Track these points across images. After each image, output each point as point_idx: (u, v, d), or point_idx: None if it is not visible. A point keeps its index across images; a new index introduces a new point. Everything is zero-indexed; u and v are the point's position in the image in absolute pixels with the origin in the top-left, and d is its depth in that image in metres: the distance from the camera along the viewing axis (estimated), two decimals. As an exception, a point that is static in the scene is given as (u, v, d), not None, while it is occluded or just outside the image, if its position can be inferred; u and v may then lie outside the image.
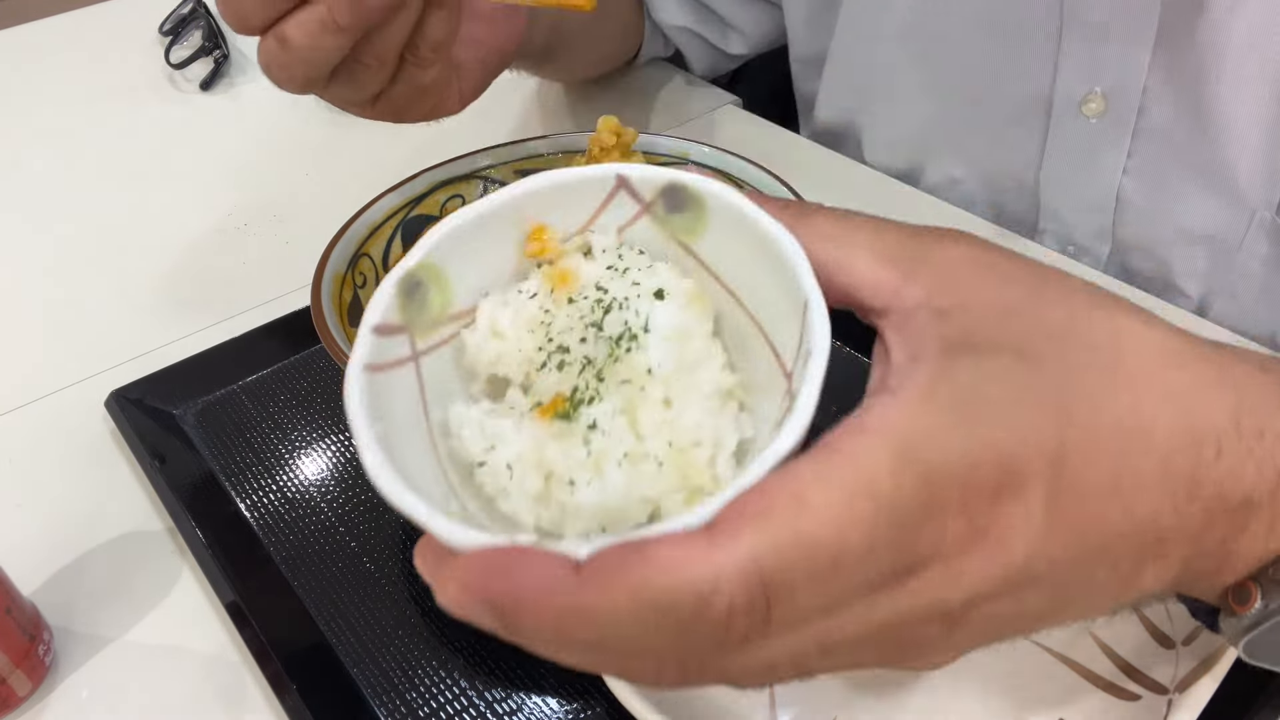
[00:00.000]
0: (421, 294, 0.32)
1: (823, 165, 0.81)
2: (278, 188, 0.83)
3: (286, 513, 0.54)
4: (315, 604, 0.50)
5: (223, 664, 0.48)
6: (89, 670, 0.48)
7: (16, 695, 0.46)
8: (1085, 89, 0.65)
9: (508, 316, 0.32)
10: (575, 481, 0.29)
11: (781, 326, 0.31)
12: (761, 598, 0.24)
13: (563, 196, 0.33)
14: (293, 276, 0.71)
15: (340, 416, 0.59)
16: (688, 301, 0.32)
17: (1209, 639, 0.41)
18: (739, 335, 0.32)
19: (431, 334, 0.32)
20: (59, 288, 0.75)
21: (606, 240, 0.33)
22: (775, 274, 0.30)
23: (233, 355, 0.64)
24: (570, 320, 0.32)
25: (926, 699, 0.43)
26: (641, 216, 0.33)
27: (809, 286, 0.29)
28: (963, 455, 0.26)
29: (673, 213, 0.33)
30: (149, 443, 0.57)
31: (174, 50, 1.02)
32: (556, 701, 0.45)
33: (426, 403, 0.32)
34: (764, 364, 0.31)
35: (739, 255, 0.32)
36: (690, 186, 0.32)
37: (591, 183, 0.33)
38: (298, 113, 0.94)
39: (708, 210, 0.32)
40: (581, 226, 0.34)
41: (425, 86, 0.53)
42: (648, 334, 0.31)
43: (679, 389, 0.30)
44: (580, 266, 0.33)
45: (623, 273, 0.32)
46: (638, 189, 0.33)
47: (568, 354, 0.31)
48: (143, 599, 0.51)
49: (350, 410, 0.29)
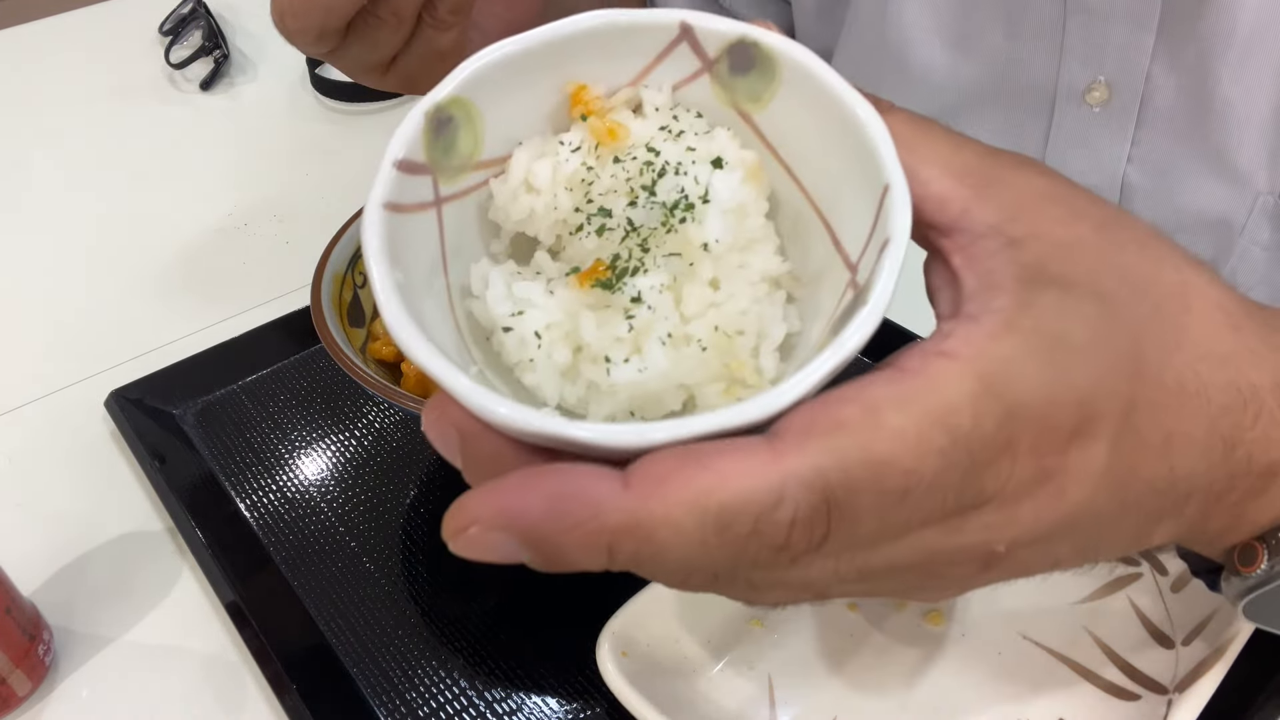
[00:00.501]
0: (450, 132, 0.28)
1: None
2: (278, 188, 0.83)
3: (286, 513, 0.54)
4: (315, 604, 0.50)
5: (223, 664, 0.48)
6: (89, 670, 0.48)
7: (16, 695, 0.46)
8: (1089, 77, 0.66)
9: (545, 170, 0.29)
10: (611, 358, 0.26)
11: (848, 213, 0.28)
12: (823, 519, 0.23)
13: (616, 42, 0.29)
14: (293, 276, 0.71)
15: (340, 416, 0.60)
16: (747, 175, 0.29)
17: (1209, 639, 0.41)
18: (794, 220, 0.29)
19: (457, 180, 0.29)
20: (59, 288, 0.75)
21: (660, 98, 0.30)
22: (850, 154, 0.27)
23: (233, 355, 0.64)
24: (616, 181, 0.28)
25: (927, 698, 0.43)
26: (702, 75, 0.29)
27: (892, 169, 0.26)
28: (1046, 396, 0.25)
29: (738, 74, 0.29)
30: (149, 443, 0.57)
31: (174, 50, 1.02)
32: (556, 701, 0.45)
33: (446, 256, 0.29)
34: (820, 253, 0.28)
35: (807, 130, 0.29)
36: (763, 43, 0.28)
37: (651, 30, 0.29)
38: (298, 113, 0.94)
39: (779, 73, 0.28)
40: (632, 80, 0.30)
41: (443, 52, 0.52)
42: (707, 205, 0.27)
43: (729, 270, 0.27)
44: (630, 122, 0.29)
45: (677, 135, 0.29)
46: (702, 42, 0.29)
47: (610, 218, 0.28)
48: (143, 599, 0.51)
49: (369, 252, 0.26)
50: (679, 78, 0.30)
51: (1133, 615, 0.44)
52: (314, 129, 0.92)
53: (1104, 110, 0.66)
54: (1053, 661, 0.43)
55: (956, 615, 0.45)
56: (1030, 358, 0.25)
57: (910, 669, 0.44)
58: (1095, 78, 0.65)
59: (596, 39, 0.29)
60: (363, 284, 0.56)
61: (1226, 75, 0.59)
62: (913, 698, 0.43)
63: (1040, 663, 0.43)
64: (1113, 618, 0.45)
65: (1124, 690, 0.42)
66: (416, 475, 0.56)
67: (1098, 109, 0.66)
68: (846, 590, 0.27)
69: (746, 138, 0.30)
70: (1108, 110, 0.66)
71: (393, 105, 0.93)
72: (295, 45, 0.48)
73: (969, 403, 0.24)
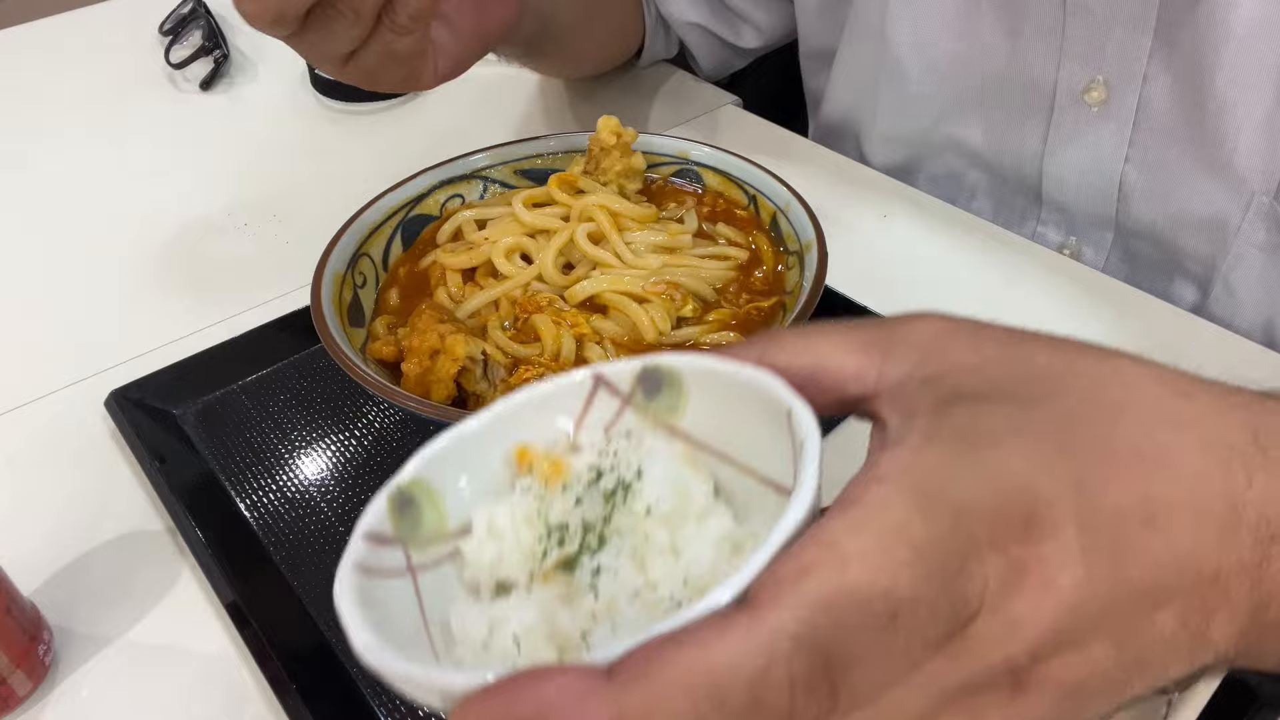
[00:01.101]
0: (414, 511, 0.32)
1: (823, 165, 0.81)
2: (278, 188, 0.83)
3: (286, 513, 0.54)
4: (315, 604, 0.50)
5: (223, 664, 0.48)
6: (89, 670, 0.48)
7: (16, 695, 0.46)
8: (1087, 78, 0.66)
9: (503, 514, 0.31)
10: (588, 634, 0.27)
11: (777, 461, 0.30)
12: (822, 673, 0.22)
13: (545, 408, 0.33)
14: (293, 276, 0.71)
15: (340, 416, 0.60)
16: (681, 461, 0.31)
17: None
18: (744, 496, 0.32)
19: (428, 549, 0.32)
20: (59, 287, 0.75)
21: (594, 436, 0.33)
22: (757, 412, 0.30)
23: (233, 355, 0.64)
24: (566, 503, 0.31)
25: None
26: (625, 409, 0.33)
27: (787, 397, 0.29)
28: (986, 488, 0.25)
29: (652, 397, 0.33)
30: (149, 443, 0.57)
31: (174, 50, 1.02)
32: (556, 701, 0.45)
33: (425, 610, 0.31)
34: (771, 509, 0.30)
35: (722, 416, 0.32)
36: (663, 365, 0.32)
37: (571, 388, 0.33)
38: (298, 113, 0.94)
39: (684, 383, 0.32)
40: (571, 434, 0.34)
41: (399, 55, 0.53)
42: (640, 479, 0.30)
43: (686, 538, 0.29)
44: (572, 459, 0.33)
45: (613, 454, 0.32)
46: (615, 383, 0.33)
47: (566, 530, 0.31)
48: (143, 599, 0.51)
49: (340, 602, 0.27)
50: (607, 419, 0.33)
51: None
52: (314, 129, 0.92)
53: (1102, 110, 0.66)
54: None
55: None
56: (957, 459, 0.25)
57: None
58: (1094, 78, 0.66)
59: (529, 407, 0.33)
60: (363, 284, 0.56)
61: (1222, 76, 0.60)
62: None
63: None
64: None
65: (1124, 690, 0.42)
66: (416, 475, 0.56)
67: (1096, 109, 0.67)
68: None
69: (676, 441, 0.33)
70: (1106, 110, 0.66)
71: (392, 105, 0.93)
72: (253, 26, 0.48)
73: (915, 514, 0.24)
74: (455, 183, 0.62)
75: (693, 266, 0.56)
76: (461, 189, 0.62)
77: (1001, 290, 0.67)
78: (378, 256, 0.58)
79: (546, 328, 0.52)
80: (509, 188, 0.63)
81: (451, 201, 0.62)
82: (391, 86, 0.57)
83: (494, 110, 0.91)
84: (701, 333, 0.53)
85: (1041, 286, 0.67)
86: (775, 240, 0.58)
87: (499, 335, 0.52)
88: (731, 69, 0.94)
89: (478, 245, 0.57)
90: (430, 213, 0.61)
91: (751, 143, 0.81)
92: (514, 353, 0.51)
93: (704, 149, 0.62)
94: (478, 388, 0.50)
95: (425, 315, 0.51)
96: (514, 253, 0.56)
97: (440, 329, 0.49)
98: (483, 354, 0.50)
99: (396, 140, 0.89)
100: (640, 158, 0.61)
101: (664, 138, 0.63)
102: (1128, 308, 0.64)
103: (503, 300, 0.54)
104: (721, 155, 0.62)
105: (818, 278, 0.50)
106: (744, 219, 0.60)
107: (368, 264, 0.57)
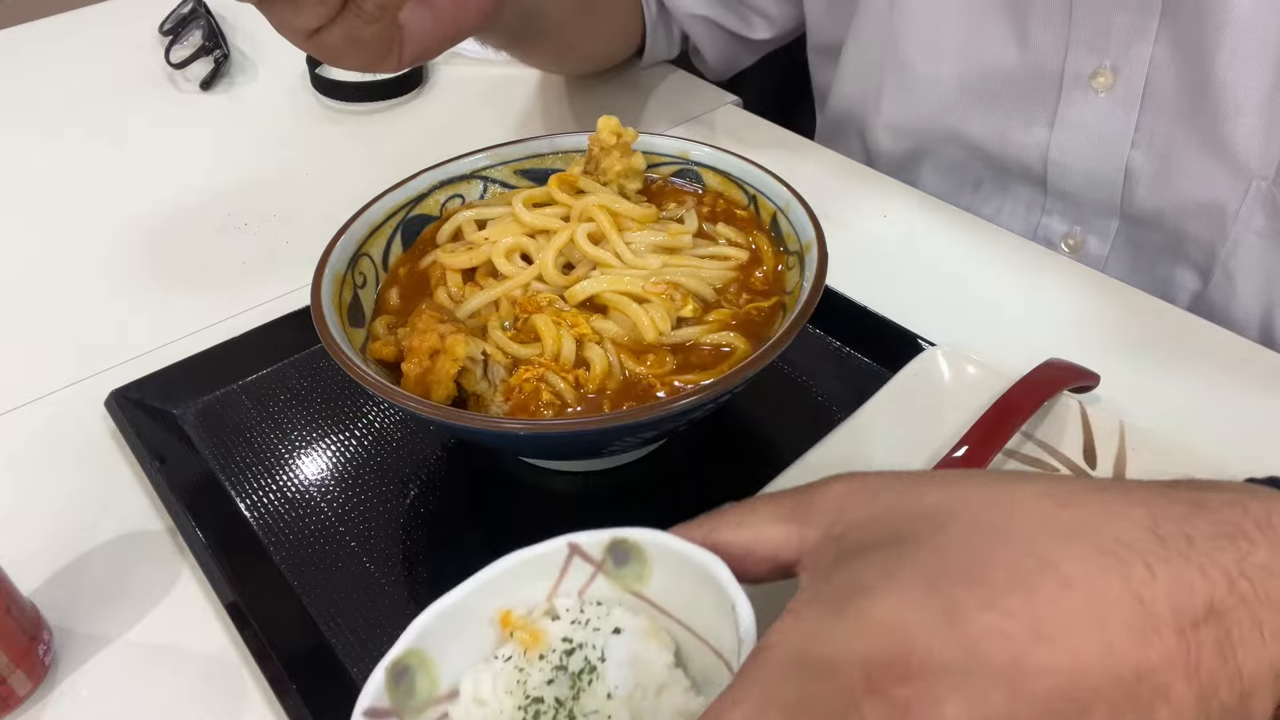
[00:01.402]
0: (409, 680, 0.35)
1: (823, 165, 0.81)
2: (278, 188, 0.83)
3: (286, 513, 0.54)
4: (315, 604, 0.50)
5: (223, 664, 0.48)
6: (89, 670, 0.48)
7: (16, 695, 0.46)
8: (1095, 63, 0.67)
9: (487, 682, 0.36)
10: None
11: (728, 638, 0.33)
12: None
13: (526, 573, 0.37)
14: (293, 276, 0.71)
15: (340, 416, 0.60)
16: (643, 635, 0.36)
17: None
18: (701, 661, 0.36)
19: (421, 716, 0.35)
20: (59, 287, 0.75)
21: (569, 602, 0.38)
22: (709, 592, 0.34)
23: (233, 355, 0.64)
24: (542, 674, 0.35)
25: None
26: (597, 574, 0.38)
27: (732, 591, 0.33)
28: (851, 634, 0.27)
29: (621, 566, 0.37)
30: (149, 443, 0.57)
31: (174, 50, 1.02)
32: (556, 701, 0.45)
33: None
34: (724, 681, 0.33)
35: (681, 589, 0.36)
36: (630, 539, 0.37)
37: (549, 555, 0.38)
38: (298, 113, 0.94)
39: (648, 555, 0.37)
40: (546, 597, 0.38)
41: (363, 40, 0.54)
42: (604, 663, 0.35)
43: (645, 710, 0.34)
44: (549, 627, 0.37)
45: (585, 623, 0.37)
46: (588, 552, 0.38)
47: (542, 704, 0.35)
48: (143, 599, 0.51)
49: None
50: (581, 583, 0.38)
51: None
52: (314, 129, 0.92)
53: (1109, 95, 0.67)
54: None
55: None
56: (830, 616, 0.28)
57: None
58: (1101, 63, 0.66)
59: (510, 574, 0.37)
60: (363, 284, 0.56)
61: (1222, 59, 0.60)
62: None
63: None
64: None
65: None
66: (416, 475, 0.56)
67: (1103, 94, 0.67)
68: None
69: (642, 608, 0.37)
70: (1113, 95, 0.67)
71: (392, 105, 0.93)
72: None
73: (788, 679, 0.27)
74: (455, 183, 0.62)
75: (693, 266, 0.56)
76: (461, 189, 0.62)
77: (1002, 290, 0.67)
78: (378, 256, 0.58)
79: (547, 328, 0.52)
80: (509, 188, 0.63)
81: (451, 201, 0.62)
82: (355, 67, 0.58)
83: (494, 110, 0.91)
84: (702, 333, 0.53)
85: (1042, 286, 0.67)
86: (775, 240, 0.58)
87: (499, 335, 0.52)
88: (739, 66, 0.93)
89: (478, 245, 0.57)
90: (430, 213, 0.61)
91: (751, 143, 0.81)
92: (514, 353, 0.51)
93: (704, 149, 0.62)
94: (478, 388, 0.50)
95: (425, 315, 0.51)
96: (514, 253, 0.56)
97: (440, 329, 0.49)
98: (483, 354, 0.50)
99: (396, 140, 0.89)
100: (640, 158, 0.61)
101: (664, 138, 0.63)
102: (1127, 308, 0.64)
103: (503, 300, 0.54)
104: (722, 155, 0.62)
105: (818, 278, 0.50)
106: (744, 219, 0.60)
107: (368, 264, 0.57)
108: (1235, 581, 0.27)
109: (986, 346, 0.55)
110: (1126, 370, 0.58)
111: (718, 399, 0.46)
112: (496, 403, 0.50)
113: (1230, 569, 0.27)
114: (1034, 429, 0.52)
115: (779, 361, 0.48)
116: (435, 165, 0.61)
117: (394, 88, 0.93)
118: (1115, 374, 0.56)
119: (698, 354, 0.53)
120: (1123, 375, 0.56)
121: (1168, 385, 0.58)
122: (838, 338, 0.62)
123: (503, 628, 0.38)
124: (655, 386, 0.51)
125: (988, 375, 0.54)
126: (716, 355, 0.52)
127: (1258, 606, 0.27)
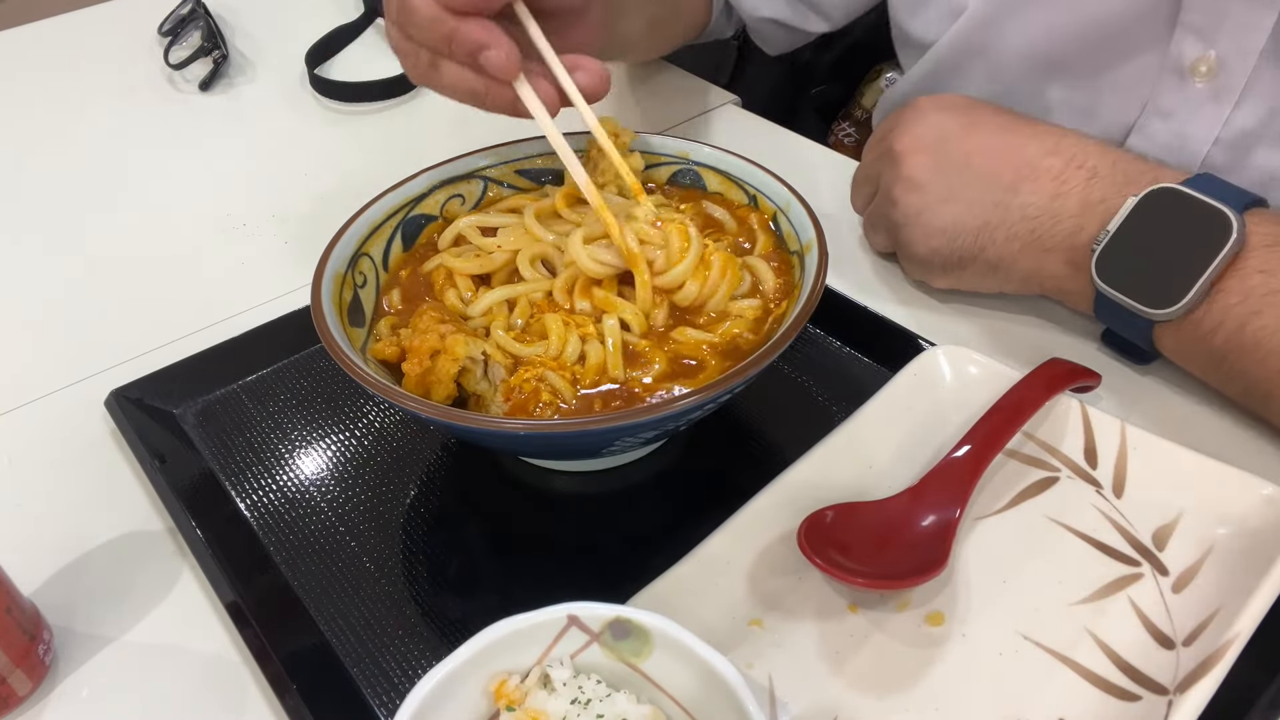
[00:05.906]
0: None
1: (824, 165, 0.81)
2: (277, 188, 0.83)
3: (286, 513, 0.54)
4: (315, 604, 0.50)
5: (223, 664, 0.48)
6: (89, 670, 0.48)
7: (16, 695, 0.46)
8: (1198, 52, 0.63)
9: None
10: None
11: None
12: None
13: (521, 639, 0.38)
14: (293, 276, 0.71)
15: (340, 416, 0.60)
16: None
17: (1209, 639, 0.41)
18: None
19: None
20: (59, 287, 0.75)
21: (563, 673, 0.38)
22: (717, 691, 0.36)
23: (233, 355, 0.64)
24: None
25: (927, 698, 0.43)
26: (592, 644, 0.39)
27: (743, 695, 0.35)
28: (872, 141, 0.65)
29: (619, 640, 0.38)
30: (149, 443, 0.57)
31: (174, 50, 1.02)
32: (557, 701, 0.45)
33: None
34: None
35: (685, 676, 0.38)
36: (635, 620, 0.38)
37: (547, 624, 0.38)
38: (298, 113, 0.94)
39: (651, 639, 0.38)
40: (537, 660, 0.39)
41: (462, 89, 0.57)
42: None
43: None
44: (547, 704, 0.37)
45: (585, 704, 0.37)
46: (587, 623, 0.39)
47: None
48: (143, 599, 0.51)
49: None
50: (574, 649, 0.39)
51: (1133, 616, 0.44)
52: (313, 129, 0.92)
53: (1208, 87, 0.64)
54: (1053, 662, 0.43)
55: (957, 615, 0.45)
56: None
57: (910, 669, 0.44)
58: (1206, 52, 0.63)
59: (504, 642, 0.38)
60: (363, 284, 0.56)
61: None
62: (913, 698, 0.43)
63: (1040, 663, 0.43)
64: (1113, 618, 0.45)
65: (1124, 691, 0.42)
66: (416, 475, 0.56)
67: (1201, 85, 0.64)
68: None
69: (640, 682, 0.39)
70: (1212, 86, 0.64)
71: (392, 105, 0.93)
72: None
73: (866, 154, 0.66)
74: (455, 183, 0.62)
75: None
76: (461, 189, 0.62)
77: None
78: (378, 256, 0.58)
79: (556, 327, 0.52)
80: (509, 188, 0.63)
81: (452, 202, 0.62)
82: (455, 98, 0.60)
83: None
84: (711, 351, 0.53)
85: (1042, 286, 0.67)
86: (776, 240, 0.58)
87: (500, 335, 0.52)
88: (796, 47, 0.95)
89: (488, 251, 0.57)
90: (430, 213, 0.61)
91: (751, 142, 0.80)
92: (515, 352, 0.51)
93: (704, 149, 0.62)
94: (478, 388, 0.50)
95: (426, 315, 0.51)
96: (537, 260, 0.56)
97: (441, 329, 0.49)
98: (483, 354, 0.50)
99: (396, 140, 0.89)
100: (639, 158, 0.61)
101: (664, 138, 0.63)
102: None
103: (522, 299, 0.54)
104: (722, 155, 0.62)
105: (818, 278, 0.50)
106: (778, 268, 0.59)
107: (368, 264, 0.57)
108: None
109: (988, 346, 0.55)
110: (1128, 370, 0.58)
111: (718, 399, 0.46)
112: (496, 403, 0.50)
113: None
114: (1035, 429, 0.52)
115: (779, 361, 0.48)
116: (435, 165, 0.61)
117: (393, 88, 0.93)
118: (1116, 374, 0.56)
119: (698, 354, 0.53)
120: (1124, 375, 0.56)
121: (1169, 386, 0.58)
122: (838, 338, 0.62)
123: (495, 700, 0.38)
124: (653, 362, 0.51)
125: (989, 375, 0.54)
126: (717, 356, 0.52)
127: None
